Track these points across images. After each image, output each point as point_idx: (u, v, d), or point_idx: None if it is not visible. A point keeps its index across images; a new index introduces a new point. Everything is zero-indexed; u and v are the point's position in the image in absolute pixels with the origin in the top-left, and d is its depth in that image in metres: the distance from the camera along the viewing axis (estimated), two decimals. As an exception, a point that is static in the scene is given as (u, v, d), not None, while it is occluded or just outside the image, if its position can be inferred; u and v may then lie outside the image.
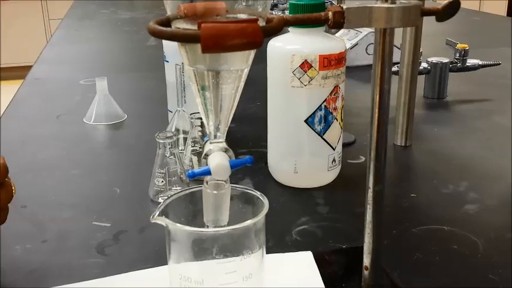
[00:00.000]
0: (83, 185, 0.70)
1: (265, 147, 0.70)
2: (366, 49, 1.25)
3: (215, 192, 0.37)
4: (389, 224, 0.57)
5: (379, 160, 0.41)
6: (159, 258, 0.51)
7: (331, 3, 1.69)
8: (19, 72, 4.22)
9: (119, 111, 0.93)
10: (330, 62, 0.62)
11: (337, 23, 0.34)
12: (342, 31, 1.32)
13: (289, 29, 0.64)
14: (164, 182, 0.64)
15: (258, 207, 0.39)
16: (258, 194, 0.39)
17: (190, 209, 0.40)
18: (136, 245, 0.55)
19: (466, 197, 0.64)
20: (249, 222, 0.37)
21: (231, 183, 0.38)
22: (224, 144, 0.36)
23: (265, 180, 0.69)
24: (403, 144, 0.80)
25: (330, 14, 0.34)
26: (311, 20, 0.35)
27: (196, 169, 0.36)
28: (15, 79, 3.82)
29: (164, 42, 0.84)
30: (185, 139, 0.76)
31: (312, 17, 0.35)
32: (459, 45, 1.01)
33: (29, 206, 0.64)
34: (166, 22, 0.34)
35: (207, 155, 0.36)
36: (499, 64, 1.04)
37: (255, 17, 0.32)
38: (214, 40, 0.29)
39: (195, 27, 0.32)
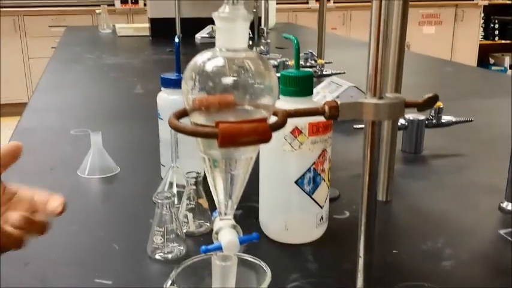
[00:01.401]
0: (82, 242, 0.73)
1: (256, 201, 0.74)
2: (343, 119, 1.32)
3: (223, 264, 0.41)
4: (374, 280, 0.62)
5: (369, 231, 0.45)
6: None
7: (312, 54, 1.77)
8: (-2, 110, 4.21)
9: (112, 164, 0.97)
10: (318, 128, 0.67)
11: (333, 115, 0.39)
12: (323, 84, 1.39)
13: (280, 97, 0.69)
14: (162, 239, 0.67)
15: (261, 274, 0.43)
16: (262, 264, 0.43)
17: (198, 276, 0.44)
18: (138, 303, 0.58)
19: (443, 253, 0.69)
20: (253, 291, 0.41)
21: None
22: (233, 221, 0.40)
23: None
24: (384, 200, 0.85)
25: (327, 108, 0.39)
26: (310, 113, 0.40)
27: (210, 245, 0.40)
28: (-5, 117, 3.81)
29: (158, 100, 0.89)
30: (179, 193, 0.80)
31: (310, 110, 0.40)
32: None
33: (32, 263, 0.66)
34: (184, 114, 0.38)
35: (217, 232, 0.40)
36: (472, 121, 1.11)
37: (264, 114, 0.37)
38: (230, 138, 0.34)
39: (209, 118, 0.37)
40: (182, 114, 0.38)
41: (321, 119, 0.67)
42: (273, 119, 0.38)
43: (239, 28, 0.37)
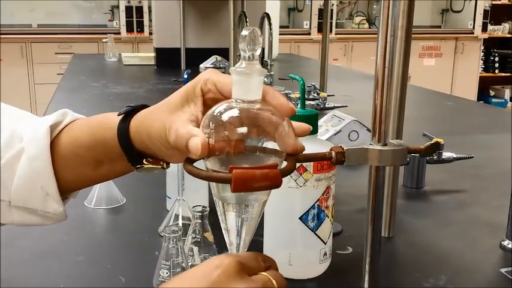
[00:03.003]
0: (89, 273, 0.74)
1: (260, 235, 0.76)
2: (349, 136, 1.34)
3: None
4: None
5: (374, 269, 0.47)
6: None
7: (314, 87, 1.80)
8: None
9: (119, 195, 0.98)
10: (323, 166, 0.69)
11: (339, 161, 0.41)
12: (326, 117, 1.41)
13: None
14: (168, 273, 0.69)
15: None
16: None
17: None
18: (144, 337, 0.59)
19: (446, 291, 0.70)
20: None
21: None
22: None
23: (260, 270, 0.74)
24: (386, 236, 0.86)
25: (333, 153, 0.41)
26: (318, 158, 0.42)
27: None
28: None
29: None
30: (184, 225, 0.81)
31: (318, 156, 0.42)
32: (435, 140, 1.10)
33: (40, 294, 0.67)
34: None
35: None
36: (472, 157, 1.13)
37: (275, 160, 0.39)
38: (242, 183, 0.36)
39: (223, 164, 0.39)
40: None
41: (325, 157, 0.70)
42: (283, 164, 0.40)
43: (254, 82, 0.39)
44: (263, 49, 2.59)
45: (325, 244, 0.72)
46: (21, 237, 0.83)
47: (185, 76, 0.92)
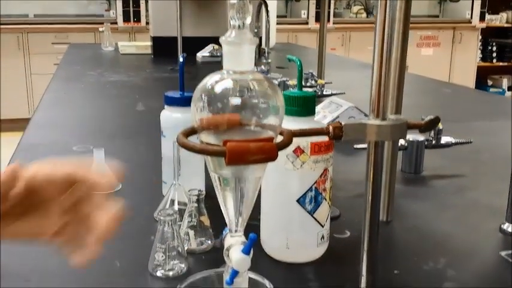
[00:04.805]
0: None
1: (257, 220, 0.75)
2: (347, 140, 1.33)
3: (235, 280, 0.41)
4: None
5: (372, 250, 0.46)
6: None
7: (312, 75, 1.78)
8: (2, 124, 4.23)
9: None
10: (320, 148, 0.68)
11: (337, 136, 0.40)
12: (323, 104, 1.40)
13: (284, 116, 0.70)
14: (164, 257, 0.68)
15: (264, 293, 0.43)
16: (265, 281, 0.43)
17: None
18: (139, 320, 0.58)
19: (445, 274, 0.69)
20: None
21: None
22: (243, 238, 0.41)
23: (257, 254, 0.73)
24: (384, 220, 0.85)
25: (331, 128, 0.40)
26: (315, 133, 0.40)
27: (226, 277, 0.41)
28: (-5, 133, 3.82)
29: (162, 118, 0.90)
30: (180, 210, 0.80)
31: (315, 130, 0.40)
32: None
33: (33, 280, 0.66)
34: (191, 132, 0.39)
35: (228, 249, 0.40)
36: (471, 142, 1.12)
37: (271, 134, 0.37)
38: (237, 156, 0.35)
39: (217, 138, 0.37)
40: (190, 132, 0.39)
41: (323, 138, 0.69)
42: (278, 139, 0.39)
43: (246, 51, 0.38)
44: (260, 38, 2.57)
45: (323, 227, 0.71)
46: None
47: (181, 60, 0.91)
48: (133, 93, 1.89)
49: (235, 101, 0.37)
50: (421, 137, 1.07)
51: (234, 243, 0.41)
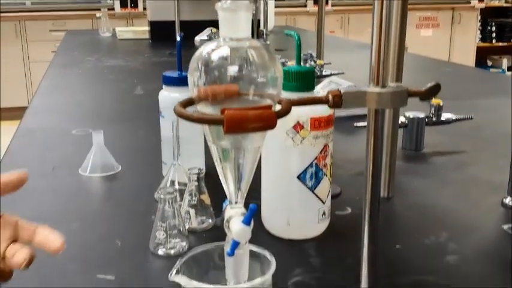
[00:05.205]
0: (85, 239, 0.73)
1: (258, 198, 0.74)
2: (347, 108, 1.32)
3: (236, 251, 0.41)
4: (378, 275, 0.62)
5: (373, 221, 0.45)
6: (165, 311, 0.54)
7: (311, 55, 1.77)
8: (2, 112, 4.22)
9: (114, 162, 0.97)
10: (320, 123, 0.67)
11: (336, 104, 0.39)
12: (323, 83, 1.39)
13: (282, 92, 0.69)
14: (165, 235, 0.67)
15: (265, 264, 0.43)
16: (266, 253, 0.43)
17: (204, 265, 0.44)
18: (141, 298, 0.58)
19: (447, 248, 0.69)
20: (258, 280, 0.41)
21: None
22: (243, 210, 0.41)
23: (258, 231, 0.73)
24: (385, 196, 0.85)
25: (330, 96, 0.39)
26: (314, 101, 0.40)
27: (227, 248, 0.40)
28: (-6, 122, 3.81)
29: (160, 98, 0.89)
30: (181, 191, 0.79)
31: (314, 99, 0.40)
32: (434, 101, 1.08)
33: (35, 260, 0.66)
34: (189, 103, 0.38)
35: (228, 221, 0.40)
36: (471, 119, 1.11)
37: (269, 100, 0.37)
38: (235, 124, 0.34)
39: (215, 108, 0.37)
40: (188, 103, 0.38)
41: (322, 113, 0.68)
42: (277, 108, 0.38)
43: (242, 18, 0.37)
44: (258, 20, 2.55)
45: (324, 204, 0.71)
46: (14, 206, 0.82)
47: (178, 39, 0.90)
48: (131, 77, 1.87)
49: (233, 69, 0.36)
50: (421, 114, 1.06)
51: (234, 214, 0.40)
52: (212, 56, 0.37)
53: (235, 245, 0.40)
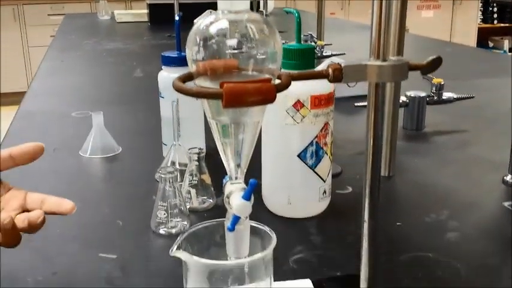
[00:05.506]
0: (86, 219, 0.73)
1: (258, 177, 0.74)
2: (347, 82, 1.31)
3: (236, 227, 0.41)
4: (378, 251, 0.62)
5: (373, 196, 0.45)
6: (167, 288, 0.55)
7: (311, 36, 1.76)
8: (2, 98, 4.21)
9: (114, 144, 0.97)
10: (321, 101, 0.67)
11: (337, 78, 0.39)
12: (323, 64, 1.38)
13: (282, 70, 0.69)
14: (166, 214, 0.68)
15: (266, 240, 0.43)
16: (266, 228, 0.43)
17: (205, 241, 0.44)
18: (143, 276, 0.58)
19: (447, 225, 0.69)
20: (259, 255, 0.41)
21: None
22: (243, 185, 0.40)
23: (259, 210, 0.73)
24: (386, 175, 0.85)
25: (330, 70, 0.39)
26: (314, 76, 0.39)
27: (228, 223, 0.40)
28: (-6, 107, 3.81)
29: (160, 79, 0.89)
30: (181, 171, 0.79)
31: (314, 73, 0.39)
32: (435, 80, 1.07)
33: (36, 239, 0.66)
34: (188, 78, 0.38)
35: (228, 196, 0.40)
36: (473, 97, 1.11)
37: (268, 75, 0.36)
38: (234, 97, 0.34)
39: (213, 83, 0.37)
40: (186, 78, 0.38)
41: (323, 91, 0.68)
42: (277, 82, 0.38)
43: (240, -11, 0.37)
44: (258, 2, 2.53)
45: (325, 182, 0.71)
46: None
47: (176, 18, 0.89)
48: (130, 60, 1.86)
49: (232, 41, 0.36)
50: (422, 93, 1.06)
51: (234, 189, 0.40)
52: (210, 29, 0.37)
53: (236, 220, 0.40)
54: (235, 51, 0.36)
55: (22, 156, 0.56)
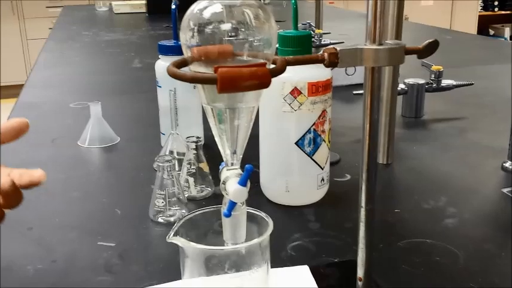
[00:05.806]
0: (85, 207, 0.73)
1: (256, 166, 0.74)
2: (346, 70, 1.31)
3: (233, 213, 0.41)
4: (376, 238, 0.62)
5: (370, 181, 0.45)
6: (164, 275, 0.55)
7: (310, 25, 1.75)
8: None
9: (112, 134, 0.97)
10: (318, 88, 0.67)
11: (332, 62, 0.39)
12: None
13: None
14: (164, 202, 0.68)
15: (263, 226, 0.43)
16: (263, 214, 0.43)
17: (202, 228, 0.44)
18: (141, 263, 0.58)
19: (446, 212, 0.69)
20: (256, 241, 0.41)
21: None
22: (239, 171, 0.40)
23: (257, 198, 0.74)
24: (384, 162, 0.85)
25: (326, 55, 0.39)
26: (310, 60, 0.39)
27: (224, 209, 0.40)
28: (-7, 99, 3.80)
29: (157, 68, 0.88)
30: (179, 161, 0.79)
31: (310, 57, 0.39)
32: (434, 67, 1.07)
33: (35, 228, 0.67)
34: (183, 64, 0.38)
35: (224, 182, 0.40)
36: (472, 84, 1.10)
37: (263, 60, 0.36)
38: (229, 82, 0.33)
39: (208, 68, 0.36)
40: (181, 64, 0.38)
41: (320, 78, 0.68)
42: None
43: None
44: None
45: (323, 169, 0.71)
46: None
47: (173, 7, 0.89)
48: (129, 51, 1.86)
49: (227, 26, 0.36)
50: (421, 80, 1.05)
51: (230, 175, 0.40)
52: (204, 13, 0.36)
53: (232, 205, 0.40)
54: (230, 36, 0.36)
55: (8, 133, 0.54)
